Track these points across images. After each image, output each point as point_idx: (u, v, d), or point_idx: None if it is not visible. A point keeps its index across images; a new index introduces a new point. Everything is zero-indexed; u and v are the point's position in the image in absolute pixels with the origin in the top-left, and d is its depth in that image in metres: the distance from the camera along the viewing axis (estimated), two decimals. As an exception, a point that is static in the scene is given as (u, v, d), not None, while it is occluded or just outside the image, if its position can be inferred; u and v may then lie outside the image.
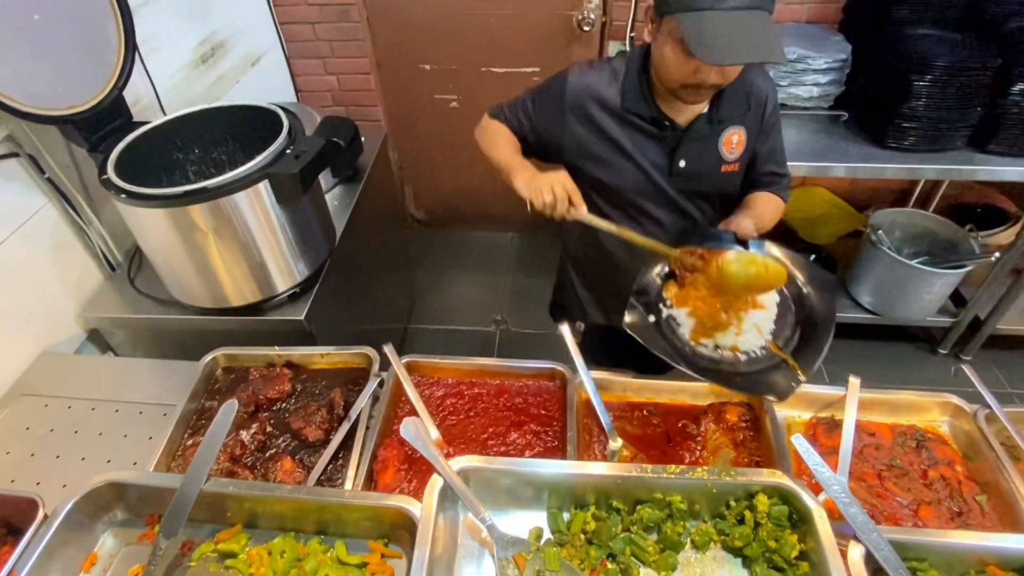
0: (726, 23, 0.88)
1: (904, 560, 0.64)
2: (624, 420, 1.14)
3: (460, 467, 0.83)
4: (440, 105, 2.65)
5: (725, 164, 1.16)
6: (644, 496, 0.80)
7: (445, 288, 2.79)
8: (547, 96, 1.19)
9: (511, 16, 2.36)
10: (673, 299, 1.04)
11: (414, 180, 2.98)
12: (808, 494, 0.72)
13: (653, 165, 1.15)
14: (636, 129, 1.13)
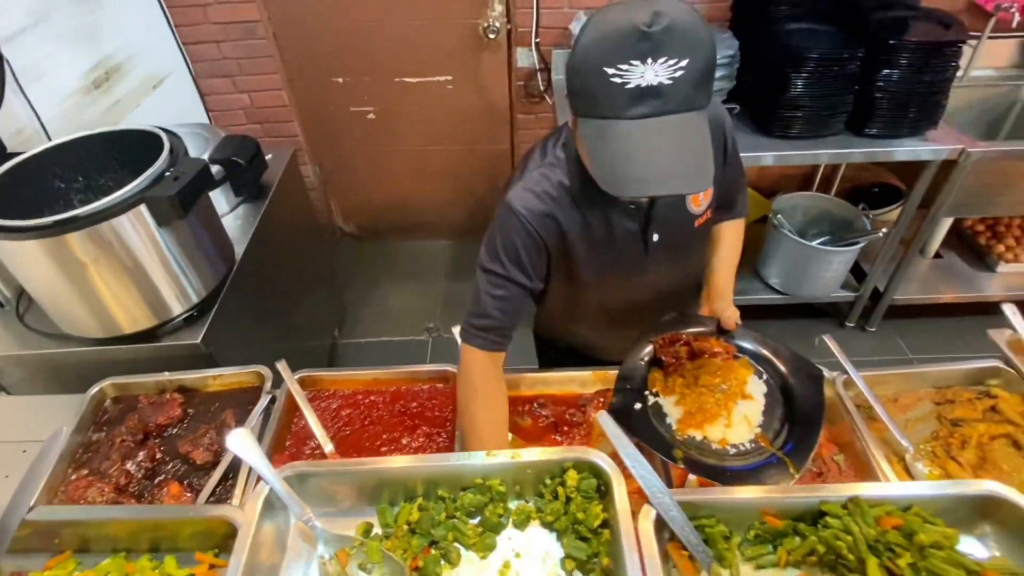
0: (627, 137, 0.74)
1: (696, 519, 0.69)
2: (516, 414, 1.18)
3: (287, 473, 0.85)
4: (357, 117, 2.65)
5: (697, 219, 1.08)
6: (468, 483, 0.84)
7: (377, 300, 2.78)
8: (514, 247, 0.98)
9: (418, 26, 2.39)
10: (659, 387, 1.02)
11: (340, 194, 2.97)
12: (611, 465, 0.77)
13: (628, 253, 1.06)
14: (602, 227, 1.01)
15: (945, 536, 0.66)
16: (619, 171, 0.75)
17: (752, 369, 1.05)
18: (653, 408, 0.99)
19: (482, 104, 2.60)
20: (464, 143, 2.74)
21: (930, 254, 2.57)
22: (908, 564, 0.62)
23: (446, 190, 2.90)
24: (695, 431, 0.94)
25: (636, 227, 1.03)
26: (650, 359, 1.06)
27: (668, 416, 0.98)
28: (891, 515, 0.66)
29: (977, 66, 2.36)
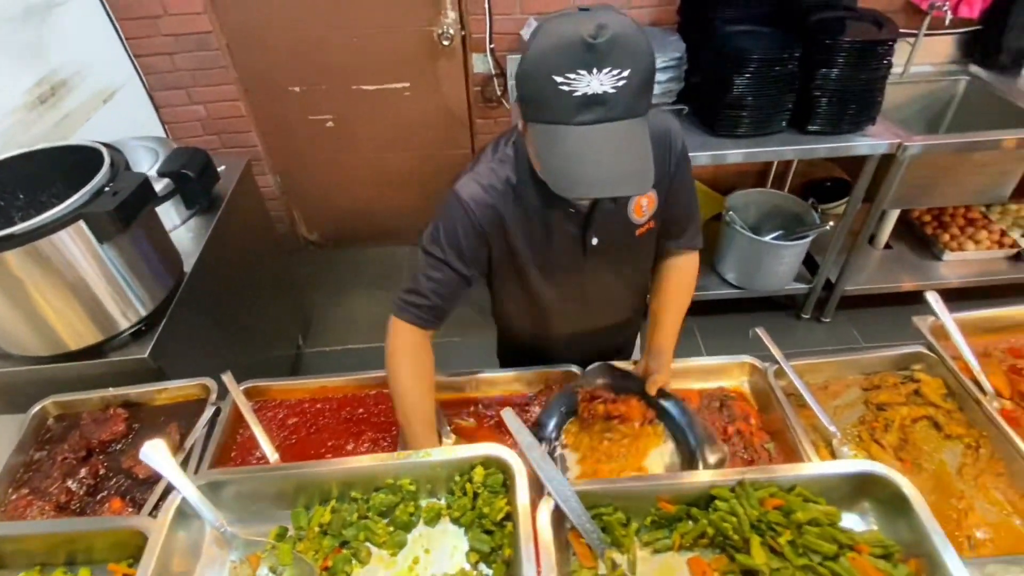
0: (575, 141, 0.77)
1: (596, 507, 0.72)
2: (460, 416, 1.20)
3: (200, 482, 0.86)
4: (316, 126, 2.65)
5: (639, 228, 1.09)
6: (381, 483, 0.85)
7: (342, 308, 2.78)
8: (454, 233, 1.03)
9: (373, 34, 2.40)
10: (570, 439, 1.07)
11: (302, 203, 2.96)
12: (515, 460, 0.80)
13: (566, 253, 1.09)
14: (543, 223, 1.04)
15: (826, 513, 0.69)
16: (568, 173, 0.79)
17: (661, 440, 1.07)
18: (559, 459, 1.04)
19: (440, 110, 2.61)
20: (424, 149, 2.75)
21: (880, 245, 2.66)
22: (788, 541, 0.65)
23: (408, 196, 2.91)
24: None
25: (576, 230, 1.06)
26: (568, 410, 1.10)
27: (568, 472, 1.02)
28: (774, 496, 0.70)
29: (916, 63, 2.45)
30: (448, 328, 2.81)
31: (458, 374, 1.25)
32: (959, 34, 2.46)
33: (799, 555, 0.66)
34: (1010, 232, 2.61)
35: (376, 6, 2.33)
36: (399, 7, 2.34)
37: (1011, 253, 2.55)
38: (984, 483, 1.05)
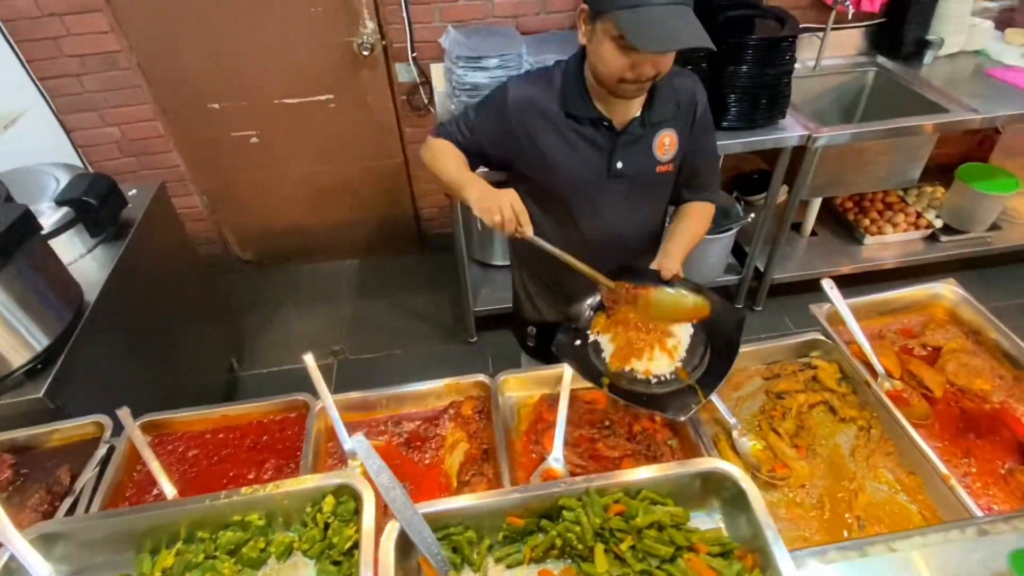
0: (658, 15, 0.95)
1: (447, 527, 0.72)
2: (371, 435, 1.18)
3: (32, 534, 0.82)
4: (240, 143, 2.59)
5: (660, 165, 1.21)
6: (229, 521, 0.83)
7: (280, 327, 2.72)
8: (489, 110, 1.21)
9: (289, 48, 2.36)
10: (600, 327, 1.13)
11: (233, 222, 2.88)
12: (365, 487, 0.79)
13: (592, 168, 1.19)
14: (576, 133, 1.17)
15: (672, 515, 0.70)
16: (656, 34, 0.94)
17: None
18: (593, 345, 1.09)
19: (368, 121, 2.58)
20: (356, 161, 2.71)
21: (807, 233, 2.75)
22: (629, 547, 0.66)
23: (344, 209, 2.86)
24: (625, 364, 1.05)
25: (605, 147, 1.18)
26: (596, 305, 1.17)
27: (604, 351, 1.08)
28: (618, 502, 0.71)
29: (827, 56, 2.54)
30: (390, 340, 2.80)
31: (369, 392, 1.22)
32: (865, 27, 2.56)
33: (639, 560, 0.66)
34: (925, 214, 2.73)
35: (292, 19, 2.29)
36: (316, 19, 2.30)
37: (926, 233, 2.68)
38: (875, 463, 1.09)
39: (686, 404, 0.97)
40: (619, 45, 0.99)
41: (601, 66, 1.06)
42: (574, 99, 1.14)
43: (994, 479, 1.05)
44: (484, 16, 2.37)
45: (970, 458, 1.08)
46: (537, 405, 1.20)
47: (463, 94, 2.16)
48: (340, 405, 1.20)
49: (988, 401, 1.17)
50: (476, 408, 1.18)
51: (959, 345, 1.26)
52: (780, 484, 1.05)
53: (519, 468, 1.10)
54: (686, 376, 1.04)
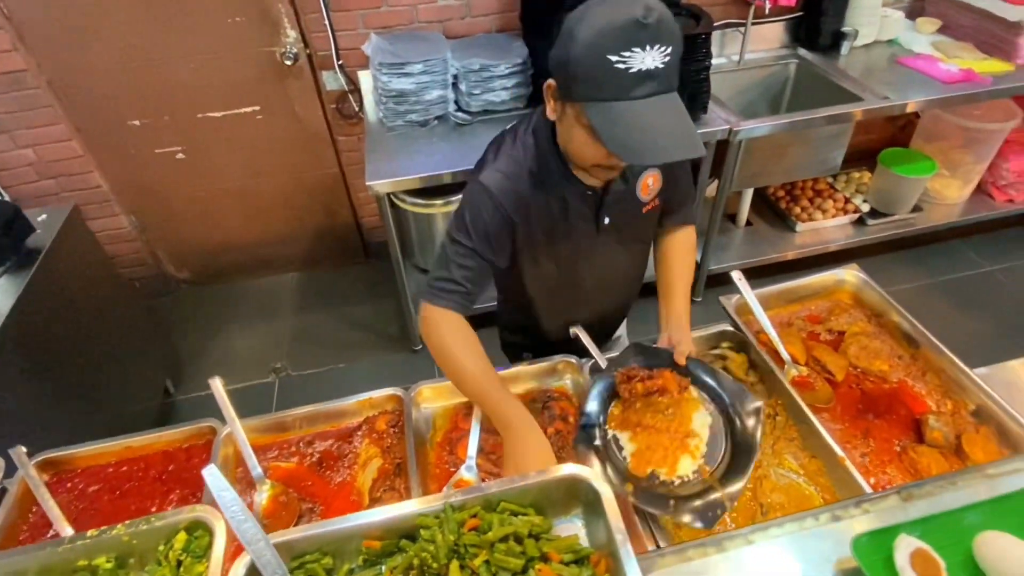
0: (637, 114, 0.83)
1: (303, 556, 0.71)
2: (281, 457, 1.15)
3: None
4: (165, 159, 2.50)
5: (644, 206, 1.16)
6: (75, 565, 0.81)
7: (219, 347, 2.64)
8: (482, 221, 1.05)
9: (210, 60, 2.29)
10: (615, 423, 1.07)
11: (166, 241, 2.79)
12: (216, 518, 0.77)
13: (582, 231, 1.14)
14: (560, 203, 1.09)
15: (532, 524, 0.71)
16: (636, 143, 0.84)
17: (699, 403, 1.09)
18: (613, 440, 1.04)
19: (298, 131, 2.53)
20: (289, 172, 2.66)
21: (742, 223, 2.82)
22: (483, 562, 0.66)
23: (281, 222, 2.80)
24: (647, 467, 0.99)
25: (591, 211, 1.12)
26: (608, 393, 1.11)
27: (623, 450, 1.03)
28: (475, 516, 0.71)
29: (751, 50, 2.61)
30: (334, 354, 2.74)
31: (282, 413, 1.20)
32: (785, 21, 2.64)
33: (492, 574, 0.66)
34: (853, 199, 2.83)
35: (210, 30, 2.23)
36: (235, 29, 2.24)
37: (855, 218, 2.77)
38: (780, 449, 1.11)
39: (713, 512, 0.90)
40: (591, 136, 0.89)
41: (573, 151, 0.98)
42: (555, 179, 1.06)
43: (890, 457, 1.09)
44: (409, 22, 2.35)
45: (869, 438, 1.12)
46: (453, 414, 1.20)
47: (389, 101, 2.14)
48: (252, 429, 1.18)
49: (888, 381, 1.22)
50: (390, 422, 1.17)
51: (860, 328, 1.30)
52: (688, 477, 1.07)
53: (432, 480, 1.09)
54: (708, 475, 0.99)
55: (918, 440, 1.11)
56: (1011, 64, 2.40)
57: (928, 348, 1.22)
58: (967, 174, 2.83)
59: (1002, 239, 2.93)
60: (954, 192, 2.86)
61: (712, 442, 1.05)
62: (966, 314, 2.57)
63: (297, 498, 1.06)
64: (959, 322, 2.54)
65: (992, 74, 2.35)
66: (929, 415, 1.12)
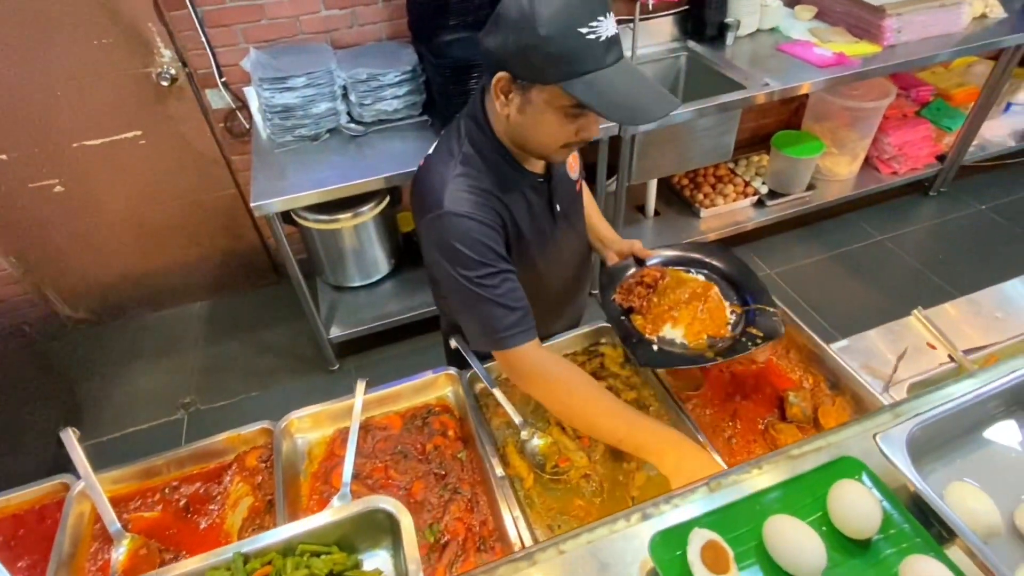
0: (616, 81, 0.85)
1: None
2: (143, 508, 1.09)
3: None
4: (42, 194, 2.34)
5: (576, 183, 1.22)
6: None
7: (123, 387, 2.49)
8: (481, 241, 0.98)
9: (79, 86, 2.15)
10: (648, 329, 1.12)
11: (56, 281, 2.61)
12: None
13: (546, 222, 1.14)
14: (523, 201, 1.07)
15: (335, 563, 0.70)
16: (631, 106, 0.86)
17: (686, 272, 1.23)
18: (662, 342, 1.08)
19: (187, 154, 2.42)
20: (184, 197, 2.54)
21: (650, 213, 2.89)
22: None
23: (181, 250, 2.67)
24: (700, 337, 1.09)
25: (544, 201, 1.12)
26: (622, 313, 1.16)
27: (675, 338, 1.08)
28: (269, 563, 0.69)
29: (644, 44, 2.67)
30: (247, 382, 2.63)
31: (144, 461, 1.13)
32: (673, 15, 2.71)
33: None
34: (752, 182, 2.95)
35: (75, 55, 2.09)
36: (102, 52, 2.11)
37: (754, 200, 2.89)
38: (653, 439, 1.14)
39: (772, 322, 1.05)
40: (567, 113, 0.90)
41: (543, 136, 0.96)
42: (509, 175, 1.04)
43: (755, 436, 1.14)
44: (293, 34, 2.29)
45: (736, 420, 1.16)
46: (330, 442, 1.16)
47: (275, 116, 2.08)
48: (114, 480, 1.12)
49: (755, 362, 1.27)
50: (262, 457, 1.12)
51: (730, 313, 1.35)
52: (562, 478, 1.08)
53: (304, 513, 1.06)
54: (740, 309, 1.11)
55: (781, 417, 1.16)
56: (878, 46, 2.55)
57: (790, 326, 1.28)
58: (854, 150, 3.00)
59: (889, 209, 3.12)
60: (843, 168, 3.03)
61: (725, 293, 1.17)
62: (861, 283, 2.73)
63: (158, 549, 1.01)
64: (855, 291, 2.69)
65: (861, 56, 2.49)
66: (789, 391, 1.17)
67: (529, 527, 0.98)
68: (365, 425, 1.17)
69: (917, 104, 3.10)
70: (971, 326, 1.31)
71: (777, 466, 0.69)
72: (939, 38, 2.61)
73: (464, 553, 0.97)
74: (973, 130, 3.00)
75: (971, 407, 0.68)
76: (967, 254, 2.83)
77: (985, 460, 0.69)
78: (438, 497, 1.05)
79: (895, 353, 1.24)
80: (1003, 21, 2.72)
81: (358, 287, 2.61)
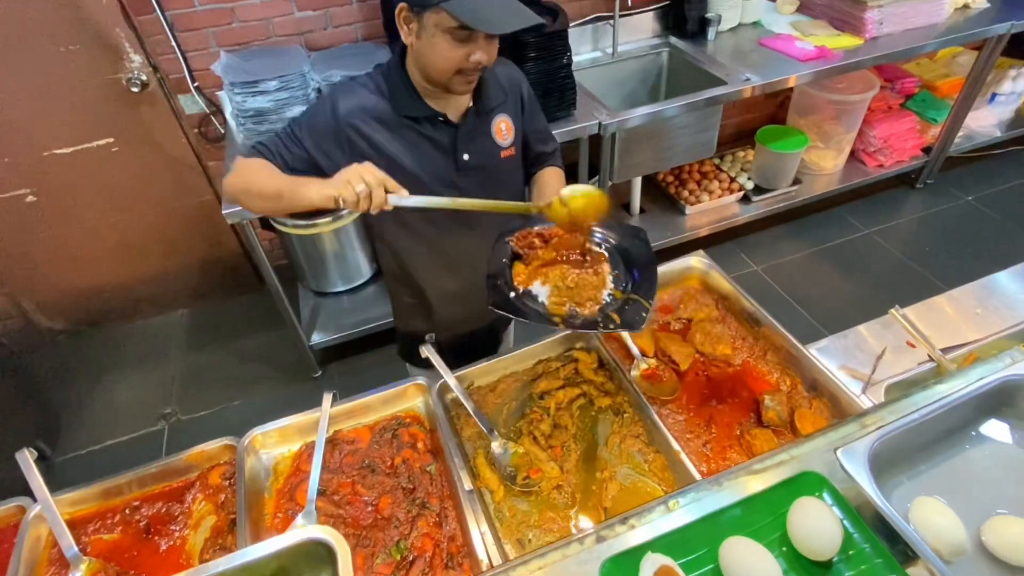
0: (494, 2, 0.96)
1: None
2: (102, 529, 1.06)
3: None
4: (14, 204, 2.29)
5: (502, 151, 1.23)
6: None
7: (101, 399, 2.45)
8: (317, 121, 1.12)
9: (48, 94, 2.10)
10: (523, 276, 1.09)
11: (32, 291, 2.56)
12: None
13: (440, 165, 1.17)
14: (416, 133, 1.14)
15: None
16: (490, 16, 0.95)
17: (591, 240, 1.15)
18: (525, 294, 1.07)
19: (161, 160, 2.37)
20: (160, 204, 2.49)
21: (636, 211, 2.86)
22: None
23: (159, 258, 2.63)
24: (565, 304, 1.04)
25: (447, 141, 1.16)
26: (509, 258, 1.13)
27: (539, 296, 1.06)
28: None
29: (626, 41, 2.64)
30: (228, 391, 2.59)
31: (102, 481, 1.10)
32: (654, 11, 2.68)
33: None
34: (738, 178, 2.93)
35: (41, 62, 2.05)
36: (69, 59, 2.06)
37: (740, 196, 2.87)
38: (627, 448, 1.11)
39: (637, 316, 1.00)
40: (454, 37, 0.98)
41: (436, 61, 1.03)
42: (405, 101, 1.12)
43: (731, 442, 1.11)
44: (266, 36, 2.25)
45: (712, 425, 1.14)
46: (296, 457, 1.13)
47: (248, 121, 2.04)
48: (72, 502, 1.09)
49: (732, 364, 1.24)
50: (225, 475, 1.10)
51: (706, 314, 1.32)
52: (534, 490, 1.05)
53: (267, 531, 1.03)
54: (621, 295, 1.07)
55: (757, 422, 1.14)
56: (860, 38, 2.53)
57: (768, 327, 1.25)
58: (839, 144, 2.98)
59: (876, 202, 3.10)
60: (829, 162, 3.01)
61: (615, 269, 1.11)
62: (848, 277, 2.71)
63: (116, 572, 0.98)
64: (843, 285, 2.67)
65: (843, 49, 2.47)
66: (765, 395, 1.14)
67: (498, 542, 0.95)
68: (332, 439, 1.14)
69: (902, 96, 3.08)
70: (953, 322, 1.29)
71: (737, 482, 0.66)
72: (922, 29, 2.58)
73: (431, 570, 0.94)
74: (959, 121, 2.98)
75: (939, 416, 0.66)
76: (954, 246, 2.81)
77: (954, 471, 0.66)
78: (405, 512, 1.03)
79: (876, 352, 1.22)
80: (985, 11, 2.70)
81: (340, 292, 2.58)
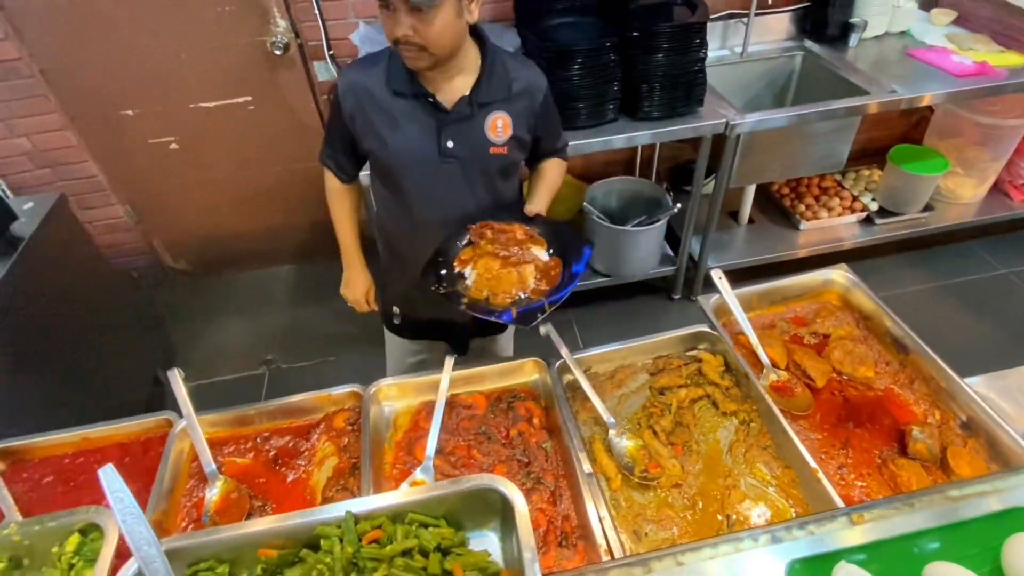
0: None
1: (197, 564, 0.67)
2: (235, 453, 1.12)
3: None
4: (159, 149, 2.50)
5: (493, 146, 1.23)
6: None
7: (211, 338, 2.64)
8: (334, 105, 1.24)
9: (199, 50, 2.27)
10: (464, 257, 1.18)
11: (162, 231, 2.79)
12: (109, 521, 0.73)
13: (422, 146, 1.20)
14: (403, 110, 1.18)
15: (443, 537, 0.67)
16: None
17: (542, 244, 1.20)
18: (458, 276, 1.14)
19: (290, 122, 2.51)
20: (282, 163, 2.64)
21: (744, 220, 2.73)
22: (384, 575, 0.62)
23: (274, 214, 2.79)
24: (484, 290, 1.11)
25: (433, 123, 1.19)
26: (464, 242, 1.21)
27: (466, 279, 1.13)
28: (378, 527, 0.66)
29: (755, 42, 2.52)
30: (324, 347, 2.71)
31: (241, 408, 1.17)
32: (792, 11, 2.54)
33: None
34: (861, 197, 2.73)
35: (197, 20, 2.21)
36: (223, 19, 2.22)
37: (862, 217, 2.67)
38: (752, 458, 1.06)
39: (528, 315, 1.04)
40: (380, 4, 1.04)
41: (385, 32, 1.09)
42: (398, 77, 1.16)
43: (870, 470, 1.03)
44: (402, 11, 2.31)
45: (848, 449, 1.06)
46: (415, 414, 1.16)
47: (378, 92, 2.11)
48: (211, 423, 1.16)
49: (873, 389, 1.15)
50: (349, 420, 1.14)
51: (846, 332, 1.24)
52: (652, 484, 1.02)
53: (387, 480, 1.06)
54: (541, 295, 1.10)
55: (901, 452, 1.05)
56: (1030, 57, 2.28)
57: (918, 354, 1.15)
58: (983, 172, 2.71)
59: (1018, 240, 2.80)
60: (968, 191, 2.75)
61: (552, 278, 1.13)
62: (977, 319, 2.47)
63: (248, 495, 1.04)
64: (969, 327, 2.44)
65: (1009, 67, 2.24)
66: (913, 426, 1.05)
67: (616, 530, 0.93)
68: (451, 402, 1.16)
69: (1065, 126, 2.75)
70: None
71: (932, 505, 0.61)
72: (1106, 52, 2.30)
73: (545, 546, 0.94)
74: None
75: None
76: (1109, 299, 2.50)
77: None
78: (520, 484, 1.02)
79: (1040, 398, 1.10)
80: None
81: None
